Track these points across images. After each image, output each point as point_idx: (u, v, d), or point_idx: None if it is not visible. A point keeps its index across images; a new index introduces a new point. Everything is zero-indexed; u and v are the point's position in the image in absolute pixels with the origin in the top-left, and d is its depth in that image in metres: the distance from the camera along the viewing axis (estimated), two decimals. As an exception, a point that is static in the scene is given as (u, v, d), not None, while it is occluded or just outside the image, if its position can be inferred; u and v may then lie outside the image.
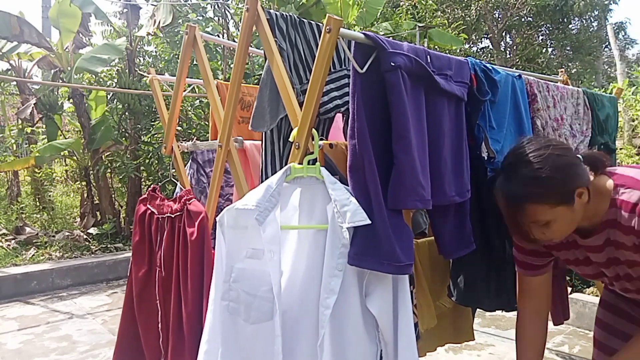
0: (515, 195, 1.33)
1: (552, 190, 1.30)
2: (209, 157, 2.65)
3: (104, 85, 6.86)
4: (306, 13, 6.82)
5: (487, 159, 1.70)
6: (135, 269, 2.07)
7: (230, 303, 1.35)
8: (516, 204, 1.34)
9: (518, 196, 1.33)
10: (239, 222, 1.33)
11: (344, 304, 1.27)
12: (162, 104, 2.25)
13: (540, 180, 1.30)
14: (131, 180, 6.64)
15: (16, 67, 7.19)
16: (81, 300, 4.62)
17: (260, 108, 1.63)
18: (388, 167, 1.28)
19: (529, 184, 1.31)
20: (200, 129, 6.46)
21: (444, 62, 1.49)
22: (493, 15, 13.67)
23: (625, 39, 16.83)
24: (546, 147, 1.34)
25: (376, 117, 1.28)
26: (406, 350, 1.30)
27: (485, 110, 1.67)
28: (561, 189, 1.30)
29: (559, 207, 1.31)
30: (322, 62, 1.31)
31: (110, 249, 5.92)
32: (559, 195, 1.31)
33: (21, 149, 8.00)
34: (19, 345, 3.52)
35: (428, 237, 1.93)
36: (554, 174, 1.29)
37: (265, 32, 1.56)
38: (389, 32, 7.38)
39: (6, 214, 6.98)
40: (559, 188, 1.30)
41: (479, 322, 3.59)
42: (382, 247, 1.23)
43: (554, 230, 1.36)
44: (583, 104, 2.28)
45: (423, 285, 1.79)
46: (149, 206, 2.04)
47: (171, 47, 7.50)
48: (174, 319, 1.88)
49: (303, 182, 1.37)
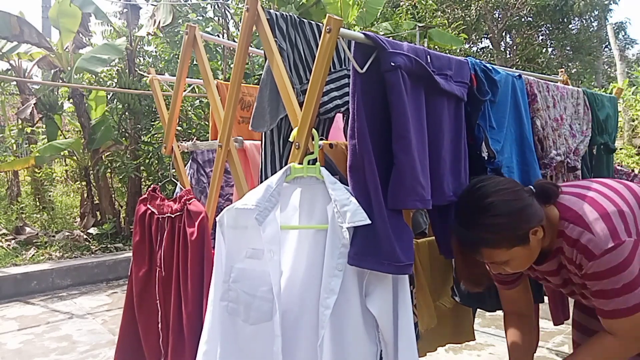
0: (470, 240, 1.37)
1: (507, 235, 1.33)
2: (209, 157, 2.65)
3: (104, 85, 6.86)
4: (306, 13, 6.82)
5: (487, 158, 1.70)
6: (135, 269, 2.07)
7: (230, 303, 1.35)
8: (471, 248, 1.38)
9: (473, 241, 1.36)
10: (239, 222, 1.33)
11: (344, 304, 1.27)
12: (162, 104, 2.25)
13: (493, 227, 1.32)
14: (131, 180, 6.64)
15: (16, 67, 7.19)
16: (81, 300, 4.62)
17: (260, 108, 1.63)
18: (388, 167, 1.28)
19: (482, 230, 1.33)
20: (200, 129, 6.46)
21: (444, 62, 1.49)
22: (493, 15, 13.67)
23: (625, 39, 16.85)
24: (497, 192, 1.35)
25: (376, 117, 1.27)
26: (406, 350, 1.30)
27: (485, 110, 1.67)
28: (515, 233, 1.33)
29: (515, 248, 1.34)
30: (322, 62, 1.31)
31: (110, 249, 5.92)
32: (513, 238, 1.33)
33: (21, 149, 8.00)
34: (19, 345, 3.52)
35: (428, 237, 1.93)
36: (505, 220, 1.32)
37: (265, 32, 1.56)
38: (389, 32, 7.39)
39: (6, 214, 6.98)
40: (512, 232, 1.33)
41: (479, 322, 3.59)
42: (382, 247, 1.23)
43: (513, 266, 1.41)
44: (583, 104, 2.28)
45: (423, 285, 1.79)
46: (149, 206, 2.04)
47: (171, 47, 7.50)
48: (174, 319, 1.88)
49: (303, 182, 1.37)
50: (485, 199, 1.34)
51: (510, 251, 1.34)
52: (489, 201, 1.34)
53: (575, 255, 1.38)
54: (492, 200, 1.33)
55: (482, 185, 1.38)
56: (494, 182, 1.39)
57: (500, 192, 1.35)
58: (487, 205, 1.33)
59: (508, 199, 1.34)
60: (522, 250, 1.36)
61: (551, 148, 1.98)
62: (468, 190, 1.42)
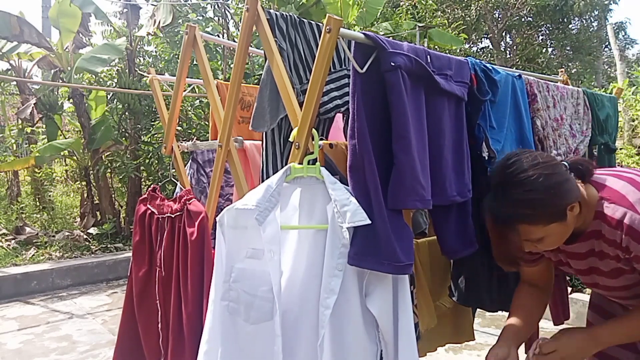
0: (506, 216, 1.32)
1: (544, 211, 1.28)
2: (209, 157, 2.65)
3: (104, 85, 6.86)
4: (306, 13, 6.82)
5: (488, 158, 1.70)
6: (135, 268, 2.07)
7: (230, 303, 1.35)
8: (507, 225, 1.33)
9: (509, 218, 1.31)
10: (239, 222, 1.33)
11: (344, 304, 1.27)
12: (162, 104, 2.25)
13: (531, 202, 1.27)
14: (131, 180, 6.64)
15: (16, 67, 7.19)
16: (81, 300, 4.62)
17: (260, 108, 1.63)
18: (388, 167, 1.28)
19: (520, 205, 1.29)
20: (200, 129, 6.46)
21: (444, 62, 1.49)
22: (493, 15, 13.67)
23: (625, 39, 16.84)
24: (535, 166, 1.30)
25: (376, 117, 1.27)
26: (406, 350, 1.30)
27: (485, 110, 1.67)
28: (553, 209, 1.29)
29: (552, 225, 1.30)
30: (322, 62, 1.30)
31: (110, 249, 5.92)
32: (551, 214, 1.29)
33: (21, 149, 8.00)
34: (19, 345, 3.52)
35: (428, 237, 1.93)
36: (544, 195, 1.27)
37: (265, 32, 1.56)
38: (389, 32, 7.38)
39: (6, 214, 6.98)
40: (551, 208, 1.29)
41: (479, 322, 3.59)
42: (382, 247, 1.23)
43: (546, 243, 1.36)
44: (583, 103, 2.28)
45: (423, 285, 1.79)
46: (149, 206, 2.04)
47: (171, 47, 7.50)
48: (174, 319, 1.88)
49: (303, 182, 1.37)
50: (521, 173, 1.29)
51: (546, 227, 1.30)
52: (526, 175, 1.28)
53: (620, 237, 1.32)
54: (529, 174, 1.28)
55: (517, 160, 1.33)
56: (530, 155, 1.33)
57: (538, 166, 1.29)
58: (524, 180, 1.28)
59: (546, 172, 1.28)
60: (558, 227, 1.31)
61: (551, 148, 1.98)
62: (502, 165, 1.35)
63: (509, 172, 1.32)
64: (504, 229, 1.35)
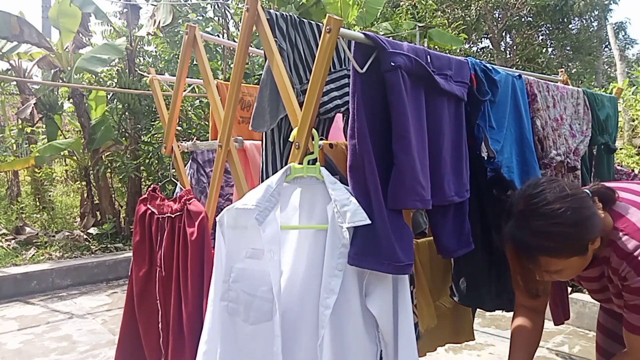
0: (529, 246, 1.29)
1: (568, 245, 1.27)
2: (209, 157, 2.65)
3: (104, 85, 6.85)
4: (306, 13, 6.82)
5: (487, 158, 1.70)
6: (135, 268, 2.07)
7: (230, 303, 1.35)
8: (528, 254, 1.31)
9: (531, 248, 1.29)
10: (239, 222, 1.33)
11: (344, 304, 1.27)
12: (162, 104, 2.25)
13: (556, 235, 1.25)
14: (131, 180, 6.64)
15: (16, 67, 7.19)
16: (81, 300, 4.61)
17: (260, 108, 1.63)
18: (388, 167, 1.28)
19: (544, 237, 1.26)
20: (200, 129, 6.46)
21: (444, 62, 1.49)
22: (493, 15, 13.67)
23: (625, 39, 16.84)
24: (563, 198, 1.26)
25: (376, 117, 1.27)
26: (406, 350, 1.30)
27: (485, 110, 1.67)
28: (577, 243, 1.27)
29: (573, 258, 1.29)
30: (322, 62, 1.30)
31: (110, 249, 5.92)
32: (574, 248, 1.28)
33: (21, 149, 8.00)
34: (19, 345, 3.52)
35: (428, 237, 1.93)
36: (570, 229, 1.25)
37: (265, 32, 1.56)
38: (389, 32, 7.39)
39: (6, 214, 6.98)
40: (575, 242, 1.27)
41: (479, 322, 3.59)
42: (382, 247, 1.23)
43: (564, 275, 1.36)
44: (583, 103, 2.28)
45: (423, 285, 1.79)
46: (149, 206, 2.04)
47: (171, 47, 7.50)
48: (174, 318, 1.88)
49: (303, 182, 1.37)
50: (548, 205, 1.26)
51: (567, 260, 1.28)
52: (553, 208, 1.25)
53: (624, 267, 1.32)
54: (556, 206, 1.25)
55: (544, 189, 1.29)
56: (558, 185, 1.30)
57: (567, 199, 1.26)
58: (551, 212, 1.25)
59: (575, 206, 1.26)
60: (578, 260, 1.30)
61: (551, 148, 1.98)
62: (528, 193, 1.31)
63: (536, 201, 1.28)
64: (525, 258, 1.33)
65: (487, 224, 1.71)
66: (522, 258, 1.35)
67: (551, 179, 1.37)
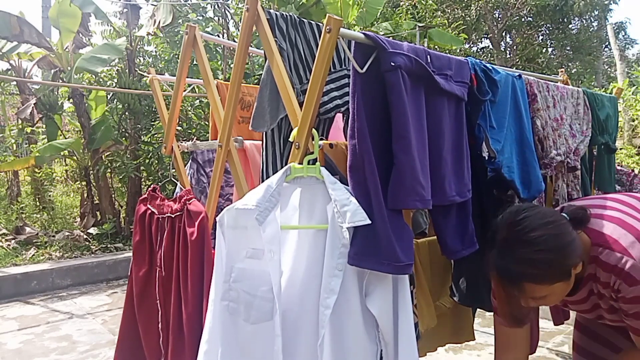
0: (513, 274, 1.31)
1: (552, 271, 1.28)
2: (209, 157, 2.65)
3: (104, 85, 6.85)
4: (306, 13, 6.82)
5: (488, 158, 1.70)
6: (135, 268, 2.07)
7: (230, 303, 1.35)
8: (513, 282, 1.32)
9: (516, 275, 1.30)
10: (239, 222, 1.33)
11: (344, 304, 1.27)
12: (162, 104, 2.25)
13: (540, 262, 1.26)
14: (131, 180, 6.64)
15: (16, 67, 7.19)
16: (81, 300, 4.62)
17: (260, 108, 1.63)
18: (388, 167, 1.28)
19: (528, 265, 1.27)
20: (200, 129, 6.46)
21: (444, 62, 1.49)
22: (493, 15, 13.68)
23: (625, 39, 16.84)
24: (545, 225, 1.28)
25: (376, 117, 1.27)
26: (406, 350, 1.30)
27: (485, 110, 1.67)
28: (560, 269, 1.29)
29: (557, 284, 1.30)
30: (322, 62, 1.30)
31: (110, 249, 5.92)
32: (557, 274, 1.29)
33: (21, 149, 8.00)
34: (19, 345, 3.52)
35: (428, 237, 1.93)
36: (553, 256, 1.26)
37: (265, 32, 1.56)
38: (389, 32, 7.39)
39: (6, 214, 6.98)
40: (558, 268, 1.28)
41: (479, 322, 3.59)
42: (382, 247, 1.23)
43: (549, 301, 1.37)
44: (583, 103, 2.28)
45: (423, 285, 1.79)
46: (149, 206, 2.04)
47: (171, 47, 7.50)
48: (174, 318, 1.88)
49: (303, 182, 1.37)
50: (531, 232, 1.27)
51: (551, 286, 1.30)
52: (536, 235, 1.26)
53: (614, 280, 1.33)
54: (539, 234, 1.26)
55: (526, 216, 1.31)
56: (539, 212, 1.32)
57: (549, 226, 1.28)
58: (535, 239, 1.26)
59: (556, 232, 1.28)
60: (562, 285, 1.31)
61: (551, 148, 1.98)
62: (510, 221, 1.33)
63: (519, 229, 1.30)
64: (510, 286, 1.34)
65: (487, 224, 1.71)
66: (506, 286, 1.36)
67: (532, 205, 1.39)
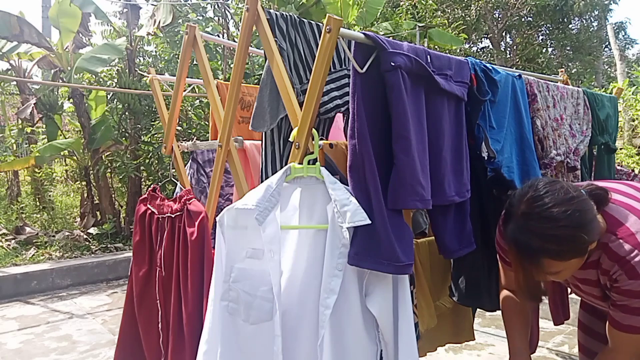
0: (533, 249, 1.28)
1: (571, 247, 1.26)
2: (209, 157, 2.65)
3: (104, 85, 6.85)
4: (306, 13, 6.82)
5: (487, 158, 1.70)
6: (135, 268, 2.07)
7: (230, 303, 1.35)
8: (532, 257, 1.30)
9: (535, 251, 1.27)
10: (239, 222, 1.33)
11: (344, 304, 1.27)
12: (162, 104, 2.25)
13: (561, 238, 1.24)
14: (131, 180, 6.64)
15: (16, 67, 7.19)
16: (81, 300, 4.61)
17: (260, 108, 1.63)
18: (388, 167, 1.28)
19: (548, 241, 1.25)
20: (200, 129, 6.46)
21: (444, 62, 1.49)
22: (493, 15, 13.67)
23: (625, 39, 16.84)
24: (568, 202, 1.25)
25: (376, 117, 1.28)
26: (406, 350, 1.30)
27: (485, 110, 1.67)
28: (579, 246, 1.27)
29: (573, 260, 1.29)
30: (322, 62, 1.31)
31: (110, 249, 5.92)
32: (576, 251, 1.27)
33: (21, 149, 7.99)
34: (19, 345, 3.52)
35: (428, 237, 1.93)
36: (575, 232, 1.24)
37: (265, 32, 1.56)
38: (389, 32, 7.38)
39: (6, 214, 6.98)
40: (577, 245, 1.26)
41: (479, 322, 3.59)
42: (382, 247, 1.23)
43: (562, 275, 1.36)
44: (583, 103, 2.28)
45: (423, 285, 1.79)
46: (149, 206, 2.04)
47: (171, 47, 7.50)
48: (174, 318, 1.88)
49: (303, 182, 1.37)
50: (554, 208, 1.24)
51: (567, 262, 1.28)
52: (559, 210, 1.23)
53: (615, 270, 1.32)
54: (563, 209, 1.23)
55: (548, 191, 1.27)
56: (562, 187, 1.28)
57: (572, 202, 1.25)
58: (558, 215, 1.23)
59: (579, 209, 1.25)
60: (577, 261, 1.30)
61: (551, 148, 1.98)
62: (533, 196, 1.29)
63: (540, 204, 1.27)
64: (527, 261, 1.32)
65: (487, 224, 1.71)
66: (524, 260, 1.34)
67: (552, 180, 1.36)
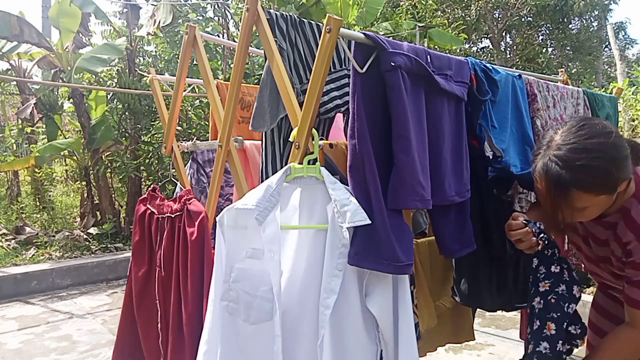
0: (563, 180, 1.26)
1: (603, 181, 1.25)
2: (209, 157, 2.65)
3: (104, 85, 6.86)
4: (306, 13, 6.82)
5: (492, 158, 1.69)
6: (135, 268, 2.07)
7: (230, 303, 1.35)
8: (561, 188, 1.27)
9: (566, 181, 1.25)
10: (239, 222, 1.33)
11: (344, 304, 1.27)
12: (162, 104, 2.25)
13: (594, 170, 1.23)
14: (131, 180, 6.64)
15: (16, 67, 7.19)
16: (81, 300, 4.62)
17: (260, 108, 1.63)
18: (388, 167, 1.28)
19: (581, 171, 1.24)
20: (200, 129, 6.46)
21: (444, 62, 1.49)
22: (493, 15, 13.67)
23: (625, 39, 16.83)
24: (606, 135, 1.25)
25: (376, 117, 1.27)
26: (406, 350, 1.30)
27: (486, 110, 1.67)
28: (610, 181, 1.25)
29: (602, 196, 1.27)
30: (322, 62, 1.30)
31: (110, 249, 5.92)
32: (606, 185, 1.26)
33: (21, 149, 7.99)
34: (19, 345, 3.52)
35: (428, 237, 1.93)
36: (609, 165, 1.23)
37: (265, 32, 1.56)
38: (389, 32, 7.38)
39: (6, 214, 6.98)
40: (609, 179, 1.25)
41: (479, 322, 3.59)
42: (382, 247, 1.23)
43: (585, 214, 1.33)
44: (583, 103, 2.28)
45: (423, 285, 1.79)
46: (149, 206, 2.04)
47: (171, 47, 7.50)
48: (173, 319, 1.88)
49: (303, 182, 1.37)
50: (590, 139, 1.23)
51: (596, 198, 1.26)
52: (596, 142, 1.23)
53: (632, 241, 1.30)
54: (599, 141, 1.23)
55: (585, 124, 1.28)
56: (600, 122, 1.28)
57: (609, 135, 1.24)
58: (593, 146, 1.22)
59: (615, 143, 1.24)
60: (605, 199, 1.27)
61: (551, 148, 1.98)
62: (573, 126, 1.28)
63: (578, 134, 1.26)
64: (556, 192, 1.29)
65: (487, 224, 1.71)
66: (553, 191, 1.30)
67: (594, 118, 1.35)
